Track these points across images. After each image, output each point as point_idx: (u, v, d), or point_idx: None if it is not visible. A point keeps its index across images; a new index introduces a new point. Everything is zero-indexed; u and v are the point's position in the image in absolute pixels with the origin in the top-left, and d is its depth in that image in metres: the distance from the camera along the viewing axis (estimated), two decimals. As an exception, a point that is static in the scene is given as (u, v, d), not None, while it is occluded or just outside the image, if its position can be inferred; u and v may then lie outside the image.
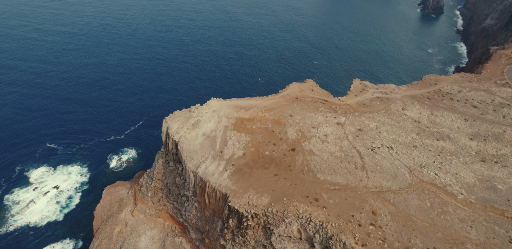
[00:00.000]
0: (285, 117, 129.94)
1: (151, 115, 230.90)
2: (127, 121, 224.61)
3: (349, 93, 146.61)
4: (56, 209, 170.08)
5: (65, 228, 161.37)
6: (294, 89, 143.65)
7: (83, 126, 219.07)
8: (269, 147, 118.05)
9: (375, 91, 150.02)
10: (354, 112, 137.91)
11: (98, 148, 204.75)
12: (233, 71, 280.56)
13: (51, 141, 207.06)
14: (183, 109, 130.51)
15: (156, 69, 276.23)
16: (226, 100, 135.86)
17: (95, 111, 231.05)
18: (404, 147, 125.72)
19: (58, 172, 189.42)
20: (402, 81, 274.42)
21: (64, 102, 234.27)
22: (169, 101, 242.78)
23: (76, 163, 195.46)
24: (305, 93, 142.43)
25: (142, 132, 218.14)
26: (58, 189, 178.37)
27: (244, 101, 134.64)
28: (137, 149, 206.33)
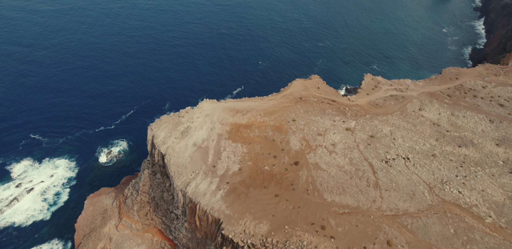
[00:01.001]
0: (287, 123, 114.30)
1: (143, 103, 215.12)
2: (118, 110, 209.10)
3: (360, 91, 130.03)
4: (42, 207, 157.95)
5: (52, 228, 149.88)
6: (298, 87, 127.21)
7: (70, 116, 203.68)
8: (269, 161, 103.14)
9: (389, 88, 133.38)
10: (365, 114, 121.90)
11: (86, 140, 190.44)
12: (231, 55, 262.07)
13: (35, 131, 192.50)
14: (171, 113, 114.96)
15: (149, 55, 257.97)
16: (221, 101, 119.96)
17: (83, 99, 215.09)
18: (422, 157, 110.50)
19: (43, 166, 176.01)
20: (414, 66, 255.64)
21: (49, 91, 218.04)
22: (162, 89, 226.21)
23: (63, 156, 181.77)
24: (310, 92, 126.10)
25: (133, 122, 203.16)
26: (44, 185, 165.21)
27: (241, 102, 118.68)
28: (128, 140, 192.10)
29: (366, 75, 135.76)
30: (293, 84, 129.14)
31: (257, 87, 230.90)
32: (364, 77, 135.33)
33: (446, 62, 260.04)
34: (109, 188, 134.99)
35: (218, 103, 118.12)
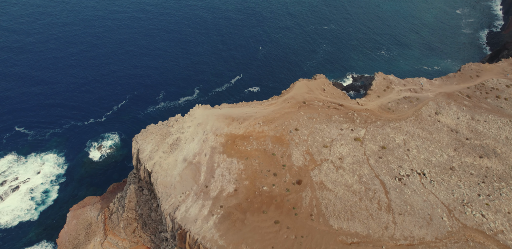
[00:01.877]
0: (289, 133, 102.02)
1: (135, 92, 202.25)
2: (108, 101, 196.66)
3: (370, 93, 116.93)
4: (30, 207, 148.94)
5: (40, 229, 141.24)
6: (301, 89, 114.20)
7: (57, 107, 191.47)
8: (268, 179, 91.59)
9: (402, 88, 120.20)
10: (376, 121, 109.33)
11: (75, 133, 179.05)
12: (228, 41, 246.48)
13: (20, 123, 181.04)
14: (159, 122, 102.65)
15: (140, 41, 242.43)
16: (215, 107, 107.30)
17: (71, 90, 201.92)
18: (440, 172, 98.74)
19: (30, 162, 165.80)
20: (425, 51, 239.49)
21: (34, 80, 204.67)
22: (156, 78, 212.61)
23: (51, 150, 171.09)
24: (314, 95, 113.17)
25: (125, 113, 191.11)
26: (31, 182, 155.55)
27: (237, 108, 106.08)
28: (120, 133, 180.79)
29: (377, 74, 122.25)
30: (295, 85, 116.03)
31: (257, 75, 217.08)
32: (375, 77, 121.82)
33: (460, 47, 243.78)
34: (95, 198, 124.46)
35: (212, 110, 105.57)
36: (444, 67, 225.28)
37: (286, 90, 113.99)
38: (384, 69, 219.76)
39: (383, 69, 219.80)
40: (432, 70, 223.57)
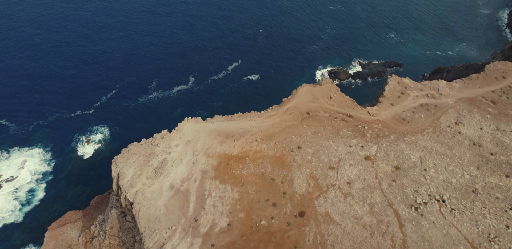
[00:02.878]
0: (290, 152, 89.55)
1: (126, 81, 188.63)
2: (97, 91, 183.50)
3: (383, 100, 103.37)
4: (14, 207, 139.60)
5: (25, 232, 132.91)
6: (305, 97, 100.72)
7: (41, 97, 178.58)
8: (266, 211, 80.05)
9: (418, 94, 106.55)
10: (389, 134, 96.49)
11: (61, 126, 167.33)
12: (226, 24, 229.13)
13: (1, 115, 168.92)
14: (143, 140, 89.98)
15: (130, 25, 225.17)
16: (207, 120, 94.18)
17: (56, 78, 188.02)
18: (461, 196, 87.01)
19: (13, 157, 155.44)
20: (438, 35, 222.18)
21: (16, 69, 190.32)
22: (148, 65, 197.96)
23: (35, 145, 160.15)
24: (320, 104, 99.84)
25: (115, 104, 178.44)
26: (15, 181, 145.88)
27: (232, 122, 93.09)
28: (110, 126, 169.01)
29: (391, 78, 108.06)
30: (298, 92, 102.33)
31: (257, 61, 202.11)
32: (388, 81, 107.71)
33: (477, 29, 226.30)
34: (76, 213, 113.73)
35: (203, 124, 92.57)
36: (460, 53, 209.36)
37: (288, 98, 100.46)
38: (393, 55, 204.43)
39: (393, 54, 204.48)
40: (445, 55, 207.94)
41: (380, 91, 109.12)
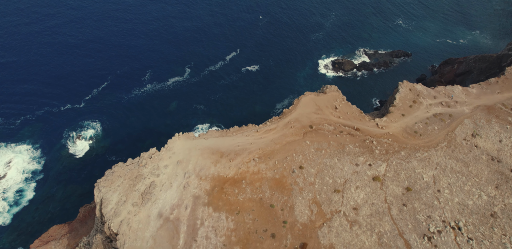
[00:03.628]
0: (291, 173, 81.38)
1: (118, 72, 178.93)
2: (87, 83, 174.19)
3: (393, 110, 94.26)
4: (2, 209, 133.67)
5: (14, 234, 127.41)
6: (308, 107, 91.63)
7: (29, 90, 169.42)
8: (264, 244, 72.62)
9: (431, 102, 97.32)
10: (399, 150, 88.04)
11: (50, 121, 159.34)
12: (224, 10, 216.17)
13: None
14: (129, 160, 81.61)
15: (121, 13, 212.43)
16: (199, 136, 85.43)
17: (43, 69, 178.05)
18: (478, 222, 79.44)
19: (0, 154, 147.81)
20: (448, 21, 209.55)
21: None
22: (142, 55, 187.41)
23: (23, 141, 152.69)
24: (324, 115, 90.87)
25: (107, 96, 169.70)
26: (4, 180, 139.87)
27: (227, 138, 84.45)
28: (102, 121, 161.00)
29: (402, 85, 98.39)
30: (301, 102, 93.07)
31: (256, 50, 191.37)
32: (399, 88, 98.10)
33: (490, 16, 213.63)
34: (61, 227, 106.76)
35: (196, 141, 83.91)
36: (472, 41, 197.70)
37: (289, 109, 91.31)
38: (401, 43, 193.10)
39: (400, 43, 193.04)
40: (457, 44, 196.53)
41: (390, 98, 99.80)
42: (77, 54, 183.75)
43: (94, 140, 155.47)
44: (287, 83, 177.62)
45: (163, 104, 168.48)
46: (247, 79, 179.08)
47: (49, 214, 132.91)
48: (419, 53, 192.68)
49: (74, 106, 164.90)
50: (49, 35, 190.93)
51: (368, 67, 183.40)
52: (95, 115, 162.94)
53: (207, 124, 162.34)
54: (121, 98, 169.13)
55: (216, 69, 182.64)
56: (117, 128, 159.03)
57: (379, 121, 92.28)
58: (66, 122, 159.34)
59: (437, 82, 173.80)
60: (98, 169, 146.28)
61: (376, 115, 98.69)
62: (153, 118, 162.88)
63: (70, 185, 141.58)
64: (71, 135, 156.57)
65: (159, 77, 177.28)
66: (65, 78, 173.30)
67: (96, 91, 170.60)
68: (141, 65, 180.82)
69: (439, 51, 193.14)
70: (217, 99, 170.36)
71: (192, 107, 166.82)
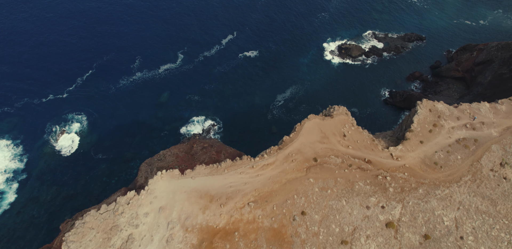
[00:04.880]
0: (292, 221, 70.25)
1: (104, 59, 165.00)
2: (70, 71, 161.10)
3: (410, 136, 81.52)
4: None
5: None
6: (311, 135, 78.96)
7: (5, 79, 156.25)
8: None
9: (454, 125, 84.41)
10: (417, 187, 76.43)
11: (31, 114, 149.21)
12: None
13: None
14: (102, 207, 70.25)
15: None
16: (185, 174, 73.39)
17: (22, 55, 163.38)
18: (506, 277, 69.38)
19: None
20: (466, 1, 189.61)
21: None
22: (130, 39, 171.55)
23: (2, 136, 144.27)
24: (330, 145, 78.43)
25: (93, 86, 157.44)
26: None
27: (219, 177, 72.51)
28: (88, 114, 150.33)
29: (421, 105, 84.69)
30: (304, 128, 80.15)
31: (255, 33, 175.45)
32: (418, 109, 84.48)
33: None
34: None
35: (181, 180, 72.04)
36: (494, 22, 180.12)
37: (289, 137, 78.64)
38: (414, 25, 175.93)
39: (414, 26, 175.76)
40: (476, 26, 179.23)
41: (406, 119, 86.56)
42: (58, 38, 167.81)
43: (80, 135, 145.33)
44: (289, 71, 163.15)
45: (154, 94, 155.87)
46: (245, 66, 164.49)
47: (32, 219, 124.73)
48: (434, 37, 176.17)
49: (57, 96, 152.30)
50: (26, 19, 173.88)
51: (378, 52, 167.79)
52: (80, 107, 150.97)
53: (202, 116, 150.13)
54: (108, 88, 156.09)
55: (211, 55, 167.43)
56: (104, 122, 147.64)
57: (394, 151, 79.80)
58: (49, 115, 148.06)
59: (453, 70, 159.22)
60: (84, 169, 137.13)
61: (390, 144, 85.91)
62: (143, 110, 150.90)
63: (55, 186, 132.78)
64: (54, 130, 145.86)
65: (150, 64, 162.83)
66: (45, 66, 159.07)
67: (80, 80, 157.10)
68: (129, 51, 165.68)
69: (457, 33, 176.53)
70: (212, 89, 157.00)
71: (185, 98, 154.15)
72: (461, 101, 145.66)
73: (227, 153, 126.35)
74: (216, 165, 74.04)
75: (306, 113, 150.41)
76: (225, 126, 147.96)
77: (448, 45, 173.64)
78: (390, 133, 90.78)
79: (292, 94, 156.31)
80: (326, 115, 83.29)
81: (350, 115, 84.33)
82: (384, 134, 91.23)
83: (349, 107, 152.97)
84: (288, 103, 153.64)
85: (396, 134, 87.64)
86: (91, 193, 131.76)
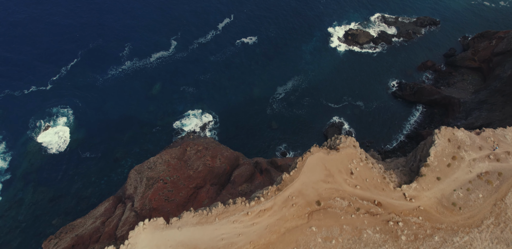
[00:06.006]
0: (291, 282, 62.32)
1: (91, 46, 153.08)
2: (54, 59, 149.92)
3: (426, 171, 71.96)
4: None
5: None
6: (315, 173, 69.43)
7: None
8: None
9: (476, 156, 74.66)
10: (432, 234, 68.02)
11: (12, 107, 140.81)
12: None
13: None
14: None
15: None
16: (172, 223, 64.36)
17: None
18: None
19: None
20: None
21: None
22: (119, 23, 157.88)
23: None
24: (336, 184, 69.16)
25: (78, 77, 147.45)
26: None
27: (209, 227, 63.68)
28: (74, 107, 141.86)
29: (439, 134, 74.14)
30: (306, 164, 70.26)
31: (253, 17, 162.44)
32: (435, 138, 74.02)
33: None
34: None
35: (166, 231, 63.22)
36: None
37: (289, 175, 68.91)
38: (427, 7, 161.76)
39: (427, 7, 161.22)
40: (496, 8, 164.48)
41: (421, 147, 76.44)
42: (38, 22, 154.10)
43: (66, 131, 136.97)
44: (291, 59, 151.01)
45: (145, 85, 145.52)
46: (243, 54, 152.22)
47: (16, 223, 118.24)
48: (449, 20, 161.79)
49: (40, 88, 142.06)
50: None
51: (387, 39, 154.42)
52: (66, 100, 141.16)
53: (197, 110, 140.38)
54: (95, 79, 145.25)
55: (206, 41, 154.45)
56: (92, 116, 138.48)
57: (407, 190, 70.54)
58: (32, 109, 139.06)
59: (469, 60, 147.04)
60: (71, 168, 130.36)
61: (402, 168, 76.48)
62: (134, 103, 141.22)
63: (40, 187, 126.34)
64: (38, 125, 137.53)
65: (140, 52, 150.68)
66: (26, 53, 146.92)
67: (64, 69, 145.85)
68: (117, 37, 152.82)
69: (474, 17, 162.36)
70: (208, 80, 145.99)
71: (179, 90, 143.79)
72: (477, 96, 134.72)
73: (223, 158, 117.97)
74: (206, 211, 65.11)
75: (309, 107, 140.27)
76: (222, 121, 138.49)
77: (464, 30, 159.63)
78: (402, 162, 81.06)
79: (294, 86, 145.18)
80: (332, 148, 73.21)
81: (359, 146, 74.19)
82: (396, 163, 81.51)
83: (354, 100, 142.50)
84: (290, 96, 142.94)
85: (410, 164, 77.98)
86: (79, 195, 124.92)
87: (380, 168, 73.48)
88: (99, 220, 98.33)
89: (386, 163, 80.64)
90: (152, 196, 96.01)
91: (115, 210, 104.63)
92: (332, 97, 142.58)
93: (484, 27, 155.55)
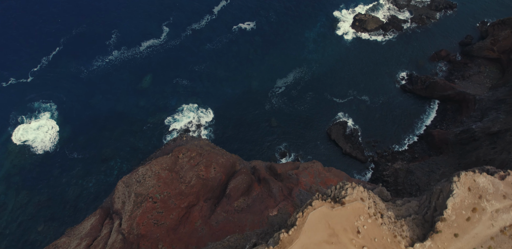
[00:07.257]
0: None
1: (74, 32, 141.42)
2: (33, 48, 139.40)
3: (442, 227, 61.98)
4: None
5: None
6: (317, 232, 59.76)
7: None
8: None
9: (499, 206, 64.42)
10: None
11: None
12: None
13: None
14: None
15: None
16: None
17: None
18: None
19: None
20: None
21: None
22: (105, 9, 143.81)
23: None
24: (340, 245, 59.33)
25: (61, 68, 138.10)
26: None
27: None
28: (58, 101, 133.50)
29: (457, 183, 63.12)
30: (307, 221, 60.14)
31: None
32: (453, 187, 63.32)
33: None
34: None
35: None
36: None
37: (288, 234, 59.15)
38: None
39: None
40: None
41: (436, 192, 66.49)
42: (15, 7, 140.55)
43: (50, 128, 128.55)
44: (292, 48, 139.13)
45: (134, 77, 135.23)
46: (240, 42, 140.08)
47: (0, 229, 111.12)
48: (466, 3, 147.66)
49: (20, 80, 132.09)
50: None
51: (398, 25, 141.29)
52: (48, 93, 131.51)
53: (190, 105, 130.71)
54: (79, 70, 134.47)
55: (200, 27, 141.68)
56: (78, 112, 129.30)
57: (421, 246, 61.64)
58: (11, 103, 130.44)
59: (487, 50, 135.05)
60: (56, 169, 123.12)
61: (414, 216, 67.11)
62: (123, 97, 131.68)
63: (24, 190, 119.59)
64: (18, 121, 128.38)
65: (129, 40, 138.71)
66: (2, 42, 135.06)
67: (45, 59, 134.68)
68: (103, 23, 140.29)
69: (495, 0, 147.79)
70: (202, 71, 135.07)
71: (171, 83, 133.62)
72: (494, 93, 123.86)
73: (218, 166, 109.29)
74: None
75: (312, 102, 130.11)
76: (217, 117, 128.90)
77: (483, 15, 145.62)
78: (415, 207, 71.04)
79: (296, 79, 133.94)
80: (336, 200, 63.18)
81: (367, 198, 64.38)
82: (407, 207, 71.57)
83: (359, 94, 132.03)
84: (291, 90, 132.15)
85: (423, 211, 68.24)
86: (66, 199, 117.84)
87: (389, 218, 64.11)
88: (84, 242, 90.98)
89: (396, 207, 71.00)
90: (140, 219, 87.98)
91: (101, 227, 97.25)
92: (337, 91, 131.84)
93: (506, 13, 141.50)
